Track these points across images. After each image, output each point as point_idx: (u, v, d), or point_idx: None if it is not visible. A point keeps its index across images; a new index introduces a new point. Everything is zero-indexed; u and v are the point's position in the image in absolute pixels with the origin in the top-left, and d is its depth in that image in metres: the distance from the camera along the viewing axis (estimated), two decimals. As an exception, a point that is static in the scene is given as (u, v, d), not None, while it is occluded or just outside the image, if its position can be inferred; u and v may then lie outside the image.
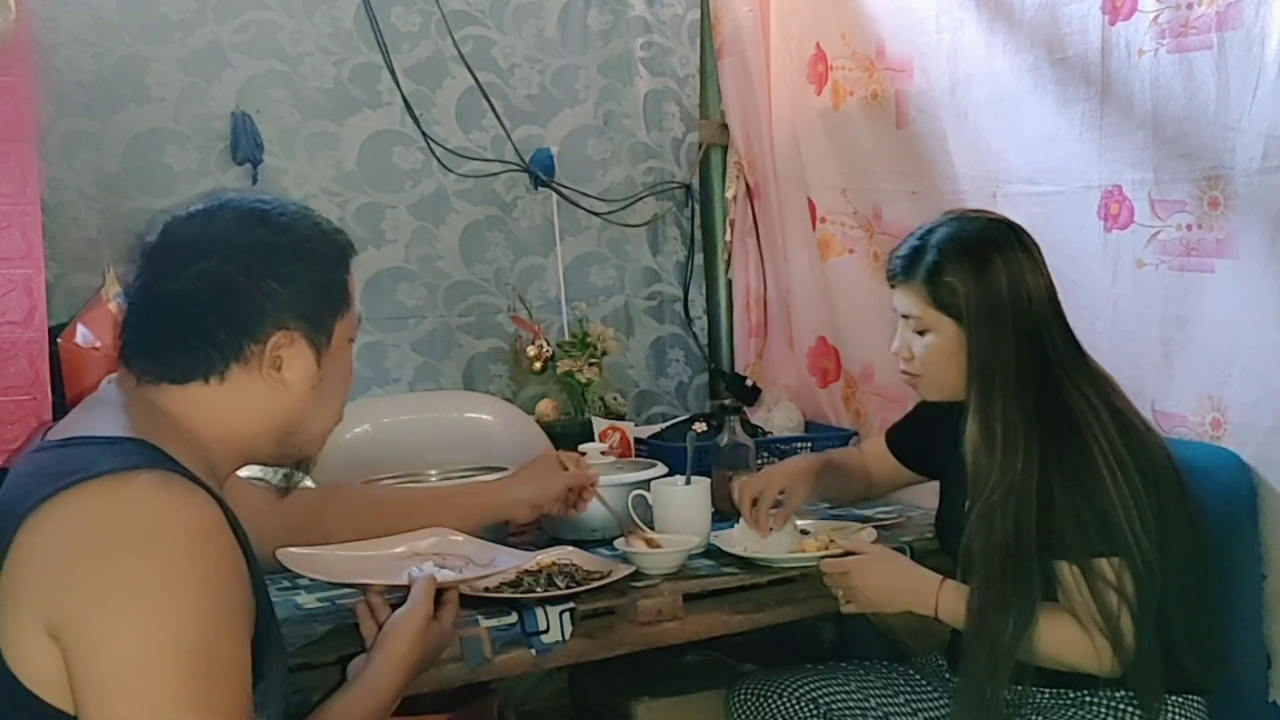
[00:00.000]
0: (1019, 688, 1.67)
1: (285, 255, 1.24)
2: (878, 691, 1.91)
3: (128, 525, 1.05)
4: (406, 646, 1.37)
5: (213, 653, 1.04)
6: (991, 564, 1.64)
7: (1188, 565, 1.65)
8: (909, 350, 1.78)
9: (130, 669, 1.01)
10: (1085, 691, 1.69)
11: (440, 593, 1.46)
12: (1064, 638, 1.61)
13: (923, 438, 1.99)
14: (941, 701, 1.88)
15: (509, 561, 1.68)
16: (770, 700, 1.90)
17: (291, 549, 1.58)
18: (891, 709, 1.89)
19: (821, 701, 1.89)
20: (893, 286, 1.80)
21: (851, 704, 1.89)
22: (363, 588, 1.48)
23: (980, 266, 1.70)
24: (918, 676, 1.95)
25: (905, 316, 1.78)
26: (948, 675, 1.92)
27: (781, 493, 1.96)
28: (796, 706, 1.88)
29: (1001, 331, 1.69)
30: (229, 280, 1.20)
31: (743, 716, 1.91)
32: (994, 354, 1.69)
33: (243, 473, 1.40)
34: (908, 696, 1.90)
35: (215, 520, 1.09)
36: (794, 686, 1.90)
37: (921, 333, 1.76)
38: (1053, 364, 1.69)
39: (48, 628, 1.02)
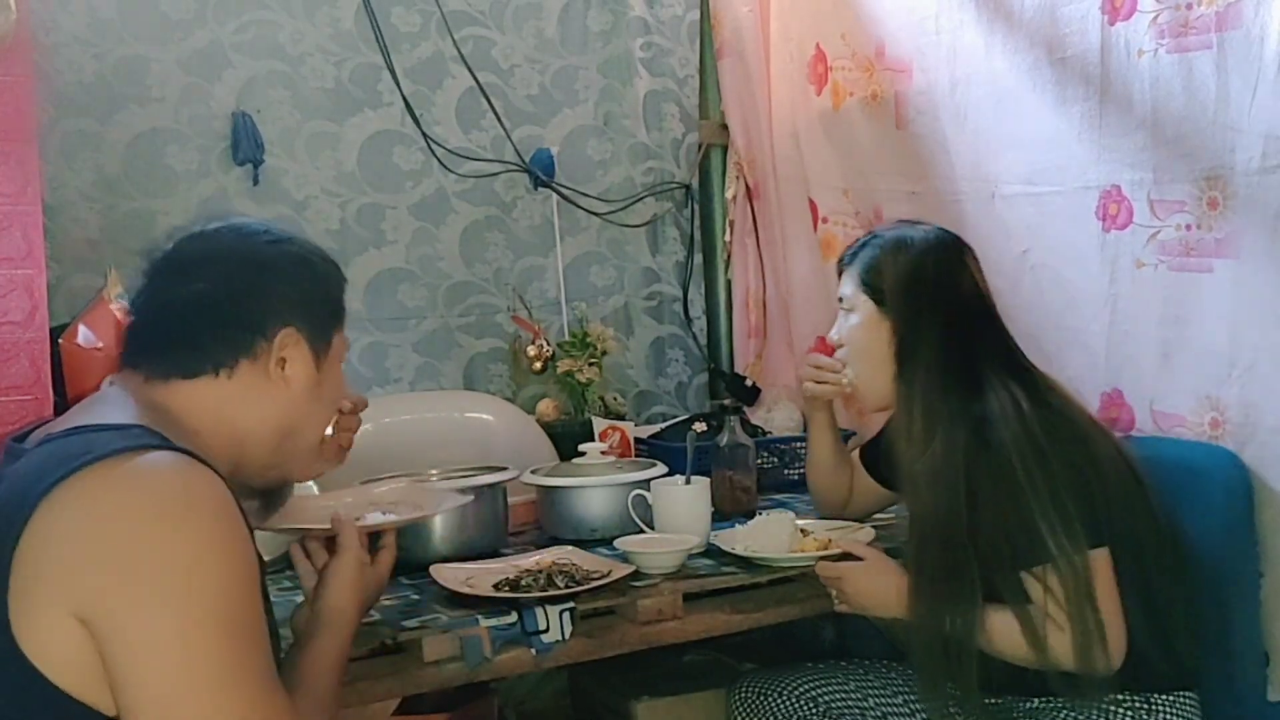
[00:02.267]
0: (1006, 698, 1.67)
1: (292, 263, 1.33)
2: (877, 691, 1.91)
3: (149, 502, 1.08)
4: (345, 598, 1.40)
5: (244, 616, 1.10)
6: (926, 550, 1.66)
7: (1151, 560, 1.66)
8: (840, 336, 1.87)
9: (174, 638, 1.05)
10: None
11: (378, 537, 1.52)
12: (1011, 628, 1.61)
13: (886, 451, 1.99)
14: None
15: (452, 502, 1.75)
16: (770, 699, 1.90)
17: None
18: (890, 709, 1.90)
19: (821, 700, 1.89)
20: (840, 276, 1.89)
21: (851, 703, 1.89)
22: (303, 532, 1.52)
23: (910, 256, 1.80)
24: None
25: (840, 301, 1.87)
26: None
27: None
28: (797, 705, 1.89)
29: (921, 315, 1.76)
30: (244, 281, 1.29)
31: (744, 715, 1.92)
32: (913, 335, 1.75)
33: None
34: (906, 696, 1.91)
35: (227, 493, 1.14)
36: (794, 685, 1.91)
37: (849, 314, 1.84)
38: (979, 361, 1.72)
39: (76, 612, 1.04)
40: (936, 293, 1.77)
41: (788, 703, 1.90)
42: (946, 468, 1.65)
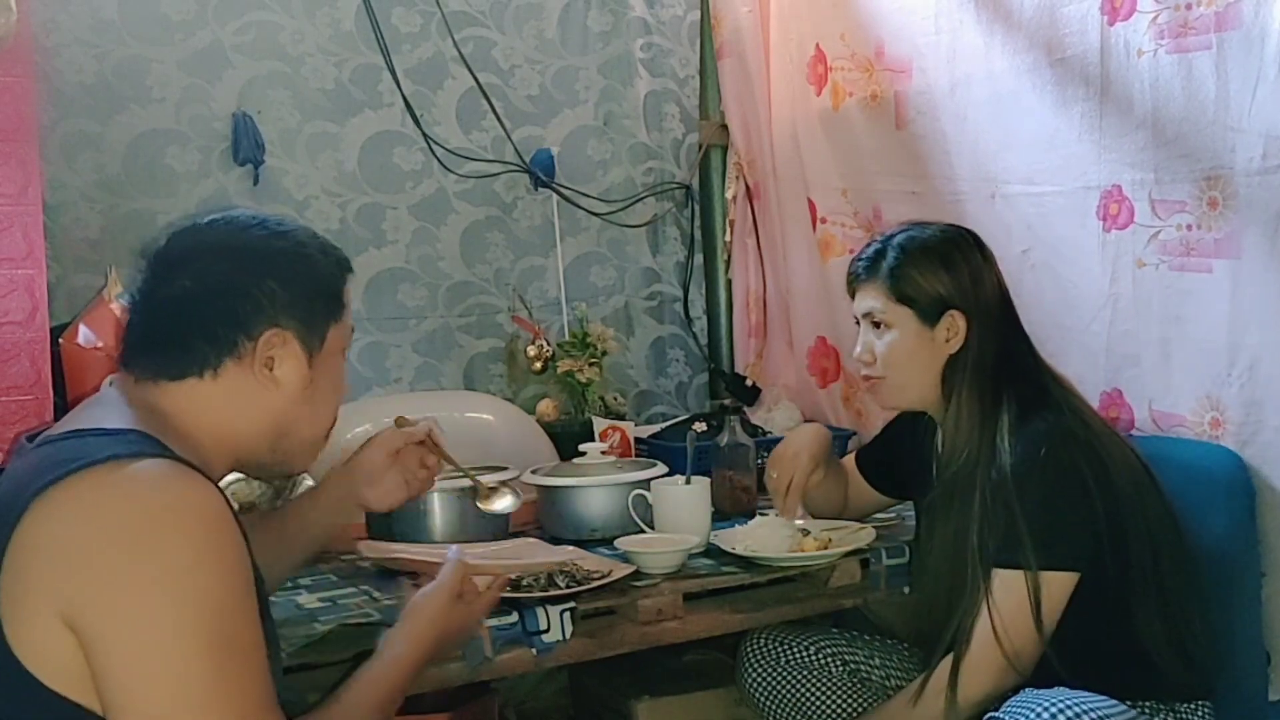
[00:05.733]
0: None
1: (285, 258, 1.29)
2: (884, 656, 1.99)
3: (140, 510, 1.06)
4: (424, 625, 1.38)
5: (234, 630, 1.08)
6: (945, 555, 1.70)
7: (1168, 567, 1.66)
8: (870, 353, 1.80)
9: (160, 650, 1.03)
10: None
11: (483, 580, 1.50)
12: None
13: (890, 458, 2.00)
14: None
15: (545, 556, 1.77)
16: (784, 650, 1.96)
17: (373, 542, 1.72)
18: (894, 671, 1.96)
19: (830, 651, 1.96)
20: (853, 291, 1.82)
21: (860, 659, 1.96)
22: (419, 566, 1.55)
23: (940, 261, 1.75)
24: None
25: (866, 317, 1.80)
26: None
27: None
28: (809, 655, 1.95)
29: (970, 321, 1.73)
30: (228, 278, 1.25)
31: (756, 664, 1.97)
32: (962, 343, 1.73)
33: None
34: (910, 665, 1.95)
35: (221, 504, 1.12)
36: (808, 638, 1.97)
37: (881, 330, 1.78)
38: (1008, 363, 1.74)
39: (63, 616, 1.03)
40: (975, 295, 1.74)
41: (801, 653, 1.94)
42: (968, 475, 1.69)
